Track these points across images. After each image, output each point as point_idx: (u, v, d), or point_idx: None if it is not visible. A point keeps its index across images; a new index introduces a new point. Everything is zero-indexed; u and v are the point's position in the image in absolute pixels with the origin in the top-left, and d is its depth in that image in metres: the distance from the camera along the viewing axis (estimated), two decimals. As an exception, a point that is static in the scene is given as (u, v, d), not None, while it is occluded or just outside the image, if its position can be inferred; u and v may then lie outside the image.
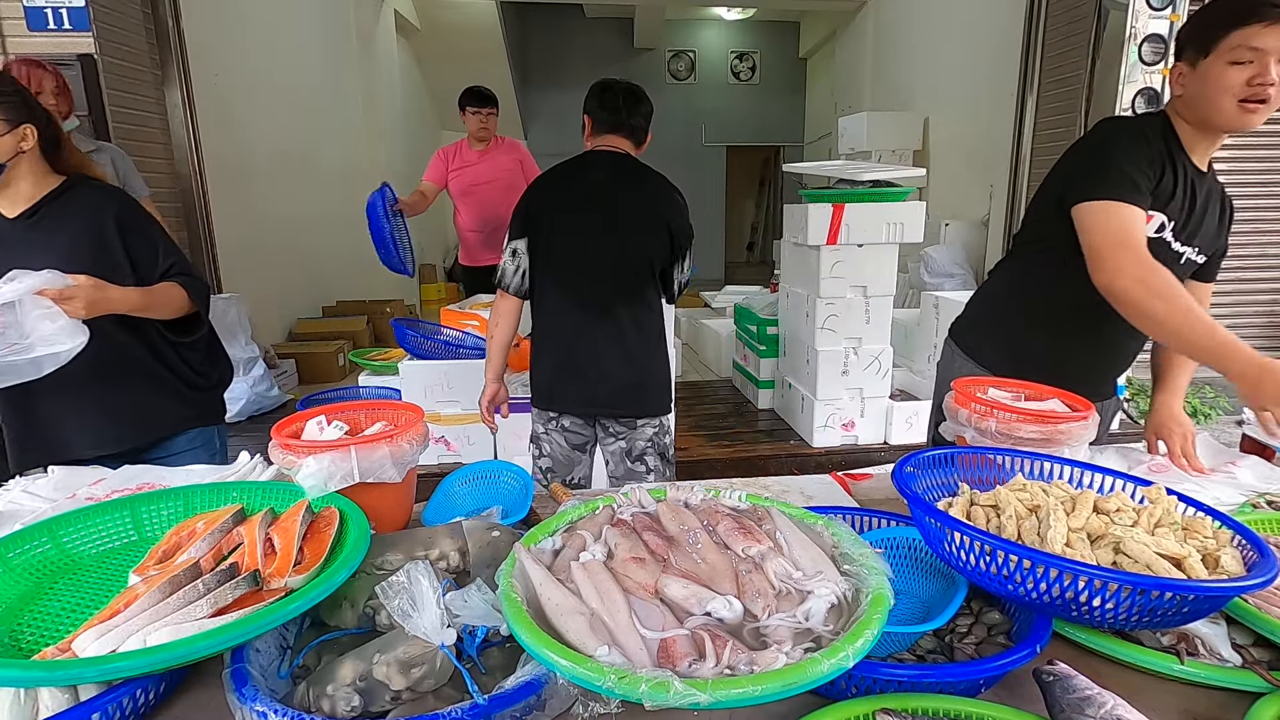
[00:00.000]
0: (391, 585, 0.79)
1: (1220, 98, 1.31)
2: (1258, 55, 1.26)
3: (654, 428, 1.99)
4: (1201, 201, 1.42)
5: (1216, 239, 1.49)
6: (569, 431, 2.02)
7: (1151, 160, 1.36)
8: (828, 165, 4.29)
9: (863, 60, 7.71)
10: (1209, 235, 1.47)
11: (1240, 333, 4.66)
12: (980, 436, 1.24)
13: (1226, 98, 1.30)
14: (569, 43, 10.16)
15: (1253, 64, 1.27)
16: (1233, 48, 1.27)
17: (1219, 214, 1.48)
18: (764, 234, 12.46)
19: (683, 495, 0.97)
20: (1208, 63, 1.31)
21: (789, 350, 3.85)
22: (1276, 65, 1.26)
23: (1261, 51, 1.26)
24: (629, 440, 1.99)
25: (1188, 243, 1.44)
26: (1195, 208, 1.41)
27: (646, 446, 1.99)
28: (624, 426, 1.98)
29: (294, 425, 1.20)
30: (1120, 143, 1.39)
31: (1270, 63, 1.26)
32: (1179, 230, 1.42)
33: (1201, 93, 1.33)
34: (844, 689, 0.76)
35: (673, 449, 2.09)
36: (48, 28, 3.11)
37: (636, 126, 1.95)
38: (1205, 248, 1.48)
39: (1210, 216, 1.46)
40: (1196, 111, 1.36)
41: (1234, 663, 0.82)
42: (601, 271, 1.89)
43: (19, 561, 0.94)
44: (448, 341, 3.24)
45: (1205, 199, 1.43)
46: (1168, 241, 1.42)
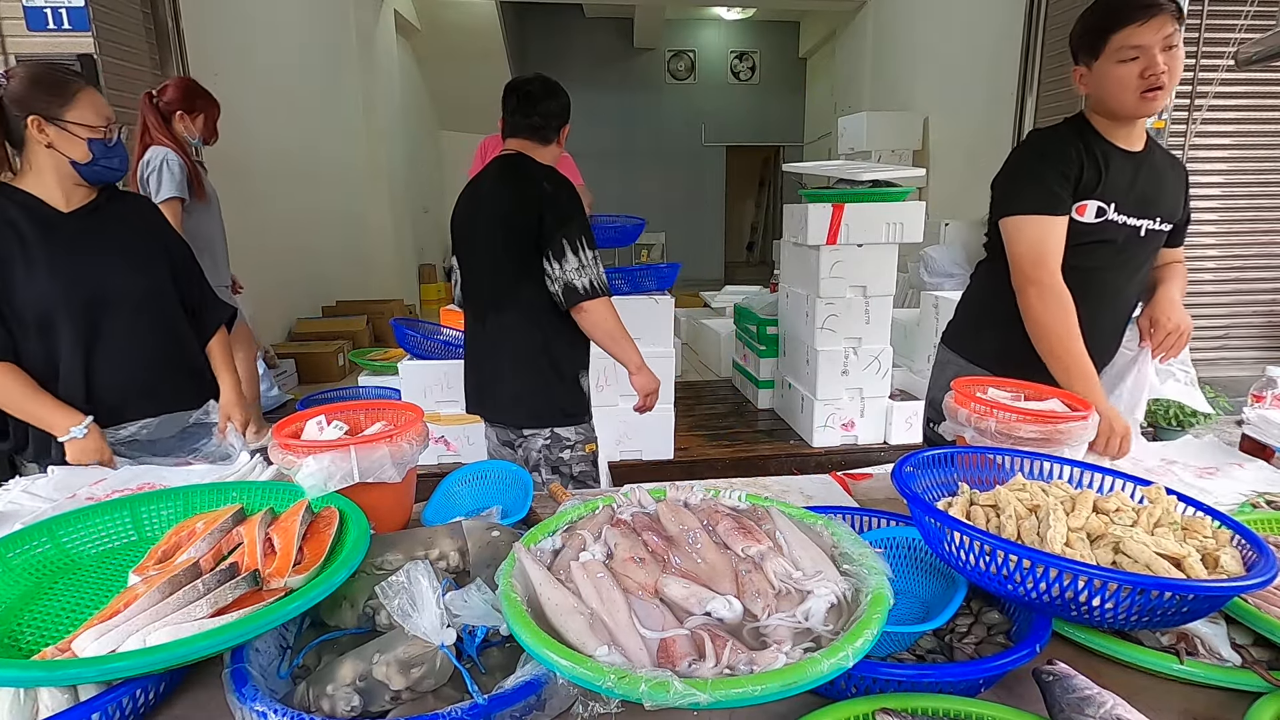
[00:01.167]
0: (391, 585, 0.79)
1: (1120, 93, 1.43)
2: (1141, 50, 1.38)
3: (544, 439, 1.89)
4: (1145, 177, 1.52)
5: (1175, 206, 1.58)
6: (496, 429, 2.01)
7: (1068, 163, 1.48)
8: (827, 165, 4.30)
9: (862, 60, 7.71)
10: (1166, 204, 1.56)
11: (1240, 332, 4.63)
12: (980, 436, 1.24)
13: (1125, 93, 1.42)
14: (569, 43, 10.16)
15: (1139, 59, 1.38)
16: (1117, 49, 1.40)
17: (1173, 183, 1.57)
18: (764, 234, 12.46)
19: (683, 495, 0.97)
20: (1100, 64, 1.44)
21: (789, 350, 3.85)
22: (1163, 53, 1.37)
23: (1144, 47, 1.37)
24: (523, 450, 1.92)
25: (1142, 216, 1.53)
26: (1138, 184, 1.51)
27: (539, 458, 1.90)
28: (513, 434, 1.93)
29: (294, 425, 1.20)
30: (1035, 155, 1.54)
31: (1155, 54, 1.37)
32: (1124, 207, 1.51)
33: (1103, 90, 1.46)
34: (844, 689, 0.76)
35: (581, 465, 1.94)
36: (47, 28, 3.11)
37: (535, 125, 1.84)
38: (1167, 216, 1.56)
39: (1161, 187, 1.55)
40: (1104, 106, 1.49)
41: (1234, 662, 0.82)
42: (478, 279, 1.91)
43: (19, 561, 0.94)
44: (447, 341, 3.24)
45: (1150, 173, 1.53)
46: (1116, 221, 1.52)
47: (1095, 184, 1.49)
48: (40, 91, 1.42)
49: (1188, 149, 3.98)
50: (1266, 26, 3.63)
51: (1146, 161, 1.53)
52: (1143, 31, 1.37)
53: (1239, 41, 3.63)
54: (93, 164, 1.47)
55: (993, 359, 1.64)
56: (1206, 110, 3.96)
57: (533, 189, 1.77)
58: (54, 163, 1.45)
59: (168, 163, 2.77)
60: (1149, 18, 1.36)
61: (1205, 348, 4.27)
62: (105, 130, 1.47)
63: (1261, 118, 4.05)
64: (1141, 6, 1.37)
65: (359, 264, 6.81)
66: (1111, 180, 1.50)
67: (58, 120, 1.42)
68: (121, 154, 1.52)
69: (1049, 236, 1.47)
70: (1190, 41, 3.84)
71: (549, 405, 1.90)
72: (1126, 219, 1.52)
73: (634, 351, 1.88)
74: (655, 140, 10.62)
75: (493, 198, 1.85)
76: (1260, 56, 3.22)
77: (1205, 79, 3.90)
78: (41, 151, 1.44)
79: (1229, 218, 4.17)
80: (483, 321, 1.91)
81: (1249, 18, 3.80)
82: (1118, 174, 1.50)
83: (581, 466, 1.94)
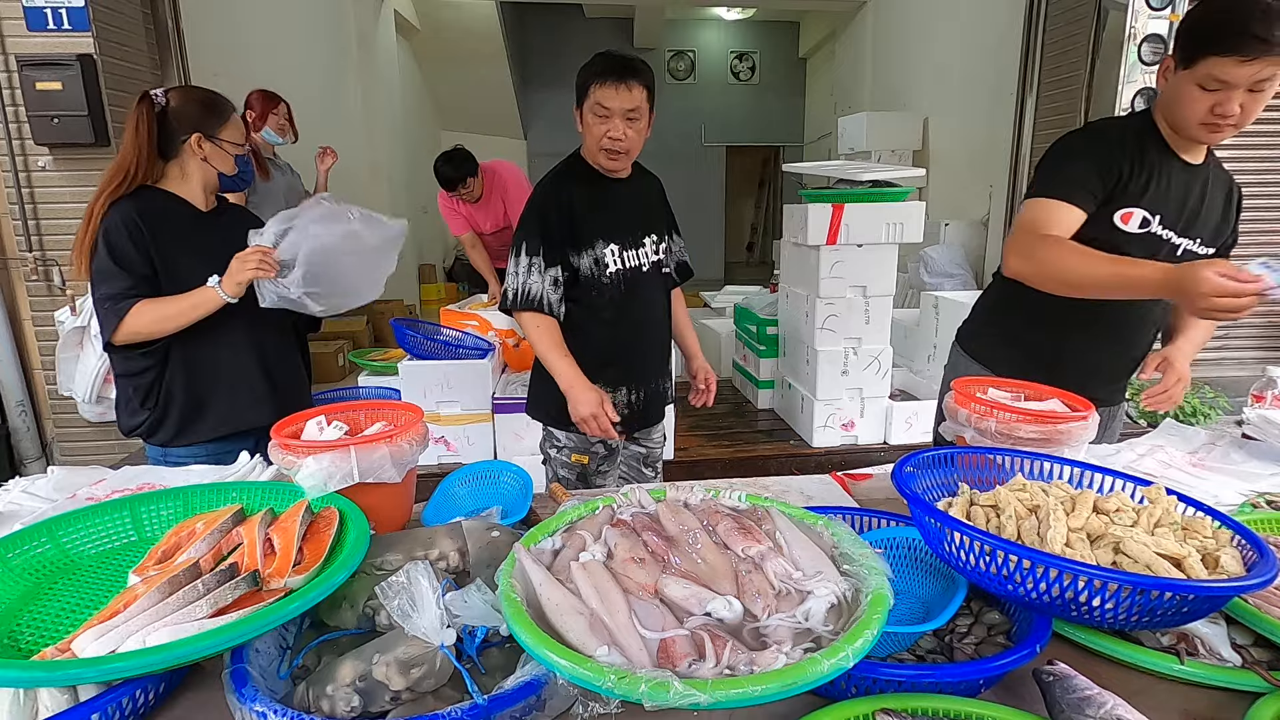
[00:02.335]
0: (391, 585, 0.79)
1: (1185, 112, 1.35)
2: (1225, 86, 1.27)
3: (542, 432, 1.96)
4: (1197, 194, 1.45)
5: (1221, 230, 1.50)
6: None
7: (1111, 161, 1.40)
8: (827, 165, 4.29)
9: (862, 60, 7.70)
10: (1211, 226, 1.48)
11: (1240, 333, 4.64)
12: (980, 436, 1.24)
13: (1190, 115, 1.34)
14: (569, 43, 10.14)
15: (1218, 93, 1.28)
16: (1205, 73, 1.28)
17: (1223, 205, 1.49)
18: (764, 234, 12.46)
19: (683, 495, 0.97)
20: (1182, 75, 1.33)
21: (789, 350, 3.85)
22: (1247, 94, 1.27)
23: (1229, 84, 1.27)
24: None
25: (1186, 234, 1.46)
26: (1190, 200, 1.44)
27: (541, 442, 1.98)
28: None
29: (294, 425, 1.20)
30: (1075, 148, 1.45)
31: (1234, 95, 1.27)
32: (1173, 222, 1.44)
33: (1173, 100, 1.37)
34: (844, 689, 0.76)
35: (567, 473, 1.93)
36: (47, 28, 3.11)
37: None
38: (1209, 239, 1.49)
39: (1211, 208, 1.47)
40: (1169, 113, 1.41)
41: (1234, 663, 0.82)
42: None
43: (19, 562, 0.94)
44: (447, 342, 3.24)
45: (1202, 191, 1.45)
46: (1159, 235, 1.44)
47: (1143, 191, 1.41)
48: (205, 113, 1.65)
49: (1188, 149, 3.98)
50: (1266, 26, 3.63)
51: (1202, 177, 1.45)
52: (1238, 70, 1.24)
53: (1239, 41, 3.63)
54: (236, 176, 1.72)
55: (1005, 362, 1.59)
56: (1206, 110, 3.96)
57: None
58: (203, 174, 1.67)
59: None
60: (1254, 57, 1.22)
61: (1205, 347, 4.27)
62: (245, 148, 1.73)
63: (1261, 118, 4.05)
64: (1245, 40, 1.22)
65: (359, 264, 6.80)
66: (1161, 190, 1.42)
67: (215, 138, 1.65)
68: (251, 168, 1.79)
69: (1052, 217, 1.39)
70: (1190, 41, 3.85)
71: (536, 401, 1.94)
72: (1170, 234, 1.44)
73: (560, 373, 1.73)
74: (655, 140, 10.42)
75: None
76: (1260, 56, 3.22)
77: (1205, 79, 3.91)
78: (195, 163, 1.66)
79: (1229, 218, 4.17)
80: None
81: (1249, 18, 3.80)
82: (1171, 185, 1.42)
83: (564, 471, 1.92)
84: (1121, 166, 1.40)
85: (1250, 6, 1.23)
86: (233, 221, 1.77)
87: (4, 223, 3.10)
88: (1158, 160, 1.42)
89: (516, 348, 3.42)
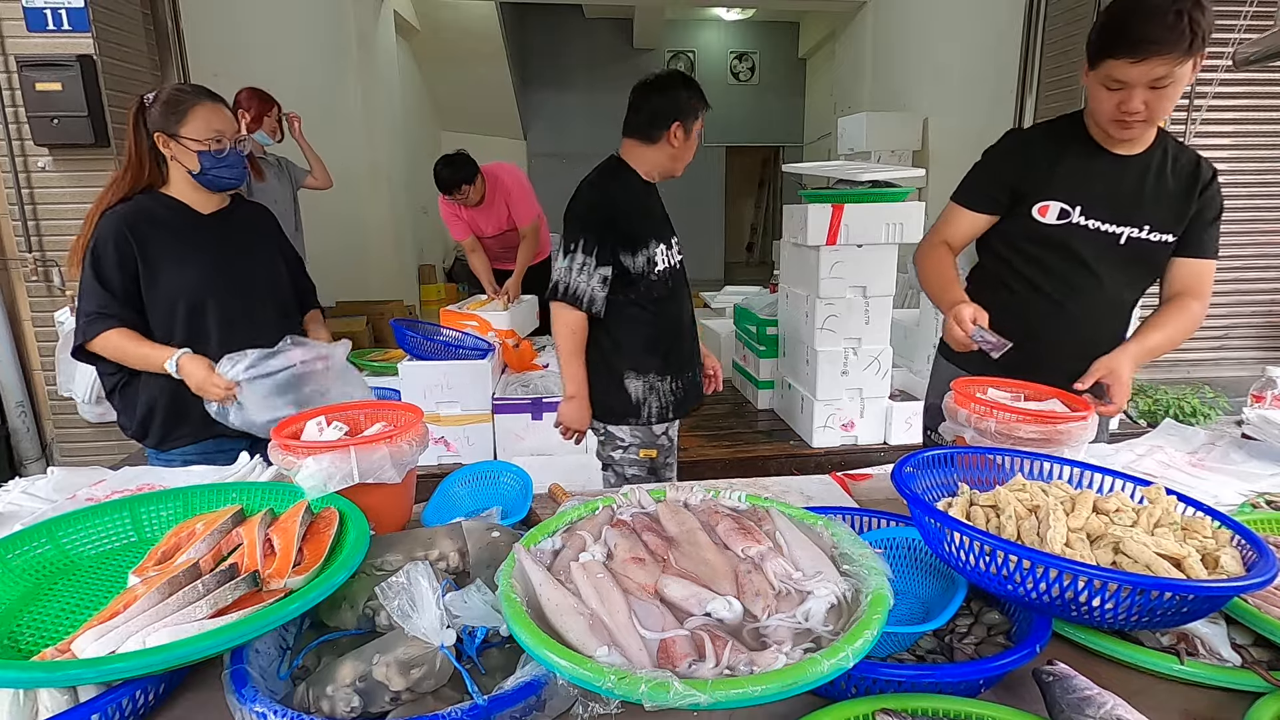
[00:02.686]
0: (391, 586, 0.79)
1: (1097, 110, 1.44)
2: (1124, 86, 1.35)
3: (599, 435, 2.00)
4: (1133, 182, 1.49)
5: (1181, 213, 1.50)
6: None
7: (1011, 165, 1.54)
8: (827, 165, 4.30)
9: (862, 60, 7.70)
10: (1163, 212, 1.49)
11: (1240, 332, 4.63)
12: (980, 436, 1.24)
13: (1101, 113, 1.42)
14: (569, 43, 10.15)
15: (1120, 92, 1.36)
16: (1105, 75, 1.36)
17: (1182, 189, 1.49)
18: (763, 234, 12.46)
19: (682, 495, 0.97)
20: (1091, 76, 1.42)
21: (789, 350, 3.85)
22: (1148, 92, 1.33)
23: (1127, 83, 1.34)
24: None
25: (1125, 223, 1.50)
26: (1123, 190, 1.49)
27: (598, 452, 2.03)
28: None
29: (294, 426, 1.20)
30: (989, 154, 1.61)
31: (1135, 93, 1.34)
32: (1100, 213, 1.50)
33: (1089, 99, 1.46)
34: (844, 689, 0.76)
35: (637, 470, 1.97)
36: (47, 28, 3.11)
37: (635, 124, 1.87)
38: (1162, 225, 1.50)
39: (1158, 194, 1.49)
40: (1090, 112, 1.49)
41: (1234, 663, 0.82)
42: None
43: (18, 562, 0.94)
44: (447, 342, 3.24)
45: (1139, 179, 1.49)
46: (1084, 225, 1.51)
47: (1059, 185, 1.50)
48: (164, 111, 1.60)
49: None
50: (1266, 26, 3.62)
51: (1140, 166, 1.49)
52: (1131, 70, 1.32)
53: (1238, 42, 3.63)
54: (203, 174, 1.63)
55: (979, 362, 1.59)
56: (1206, 110, 3.96)
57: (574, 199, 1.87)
58: (180, 173, 1.65)
59: None
60: (1140, 59, 1.30)
61: (1205, 348, 4.27)
62: (213, 143, 1.61)
63: (1261, 118, 4.05)
64: (1133, 43, 1.29)
65: (359, 265, 6.80)
66: (1081, 182, 1.49)
67: (175, 136, 1.60)
68: (233, 163, 1.65)
69: (948, 222, 1.62)
70: (1190, 41, 3.84)
71: (598, 401, 1.94)
72: (1098, 224, 1.50)
73: (571, 376, 1.87)
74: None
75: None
76: (1259, 56, 3.22)
77: (1205, 79, 3.90)
78: (173, 163, 1.64)
79: (1229, 218, 4.15)
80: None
81: (1248, 18, 3.80)
82: (1094, 177, 1.48)
83: (634, 470, 1.96)
84: (1029, 161, 1.52)
85: (1139, 10, 1.30)
86: (240, 223, 1.77)
87: (4, 223, 3.10)
88: (1080, 155, 1.50)
89: (516, 348, 3.42)
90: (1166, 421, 1.65)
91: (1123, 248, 1.51)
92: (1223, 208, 1.54)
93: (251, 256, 1.77)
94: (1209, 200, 1.51)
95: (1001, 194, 1.55)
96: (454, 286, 8.66)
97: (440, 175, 3.60)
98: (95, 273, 1.57)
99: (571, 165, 11.45)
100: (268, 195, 3.40)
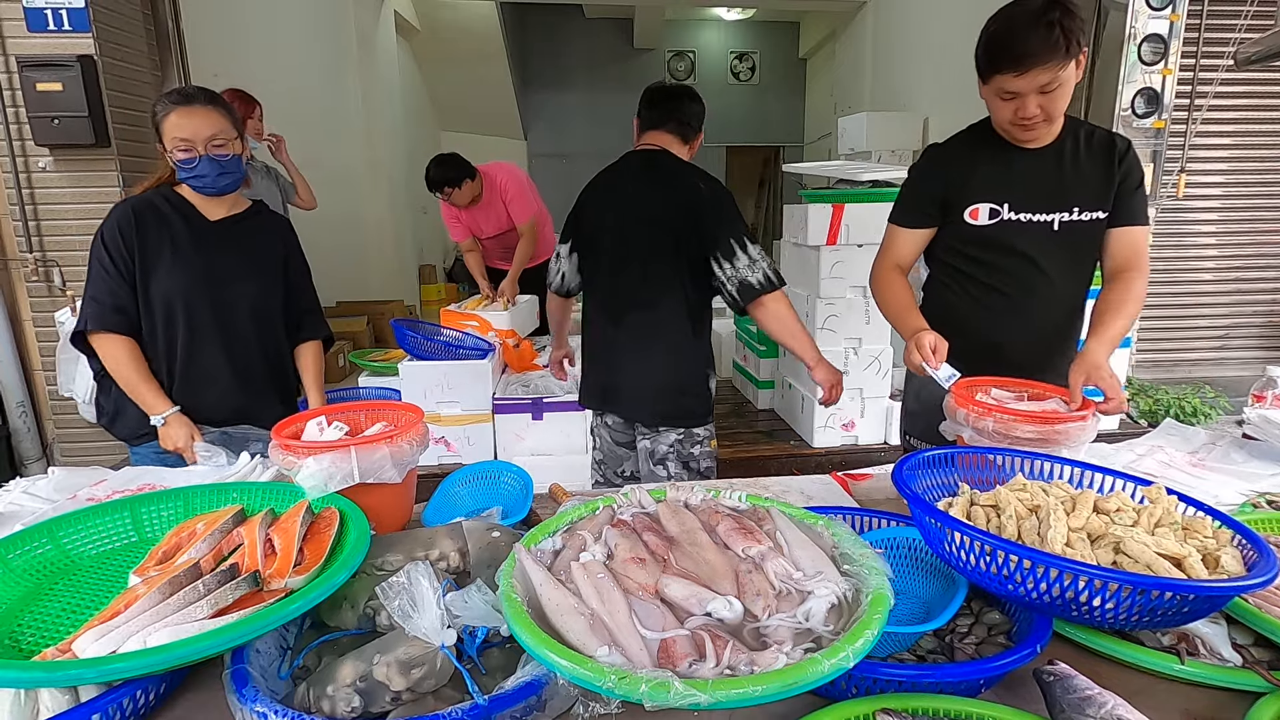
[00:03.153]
0: (391, 586, 0.79)
1: (996, 118, 1.53)
2: (1015, 95, 1.43)
3: (678, 435, 1.91)
4: (1052, 170, 1.55)
5: (1103, 192, 1.56)
6: (612, 429, 2.04)
7: (936, 179, 1.63)
8: (827, 165, 4.30)
9: (863, 60, 7.70)
10: (1089, 192, 1.55)
11: (1240, 332, 4.62)
12: (978, 436, 1.24)
13: (1001, 120, 1.51)
14: (569, 43, 10.14)
15: (1013, 100, 1.45)
16: (998, 87, 1.45)
17: (1101, 167, 1.55)
18: (764, 234, 12.45)
19: (683, 495, 0.97)
20: (984, 89, 1.50)
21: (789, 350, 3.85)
22: (1040, 96, 1.42)
23: (1018, 93, 1.42)
24: (653, 442, 1.94)
25: (1054, 210, 1.56)
26: (1044, 179, 1.55)
27: (668, 451, 1.92)
28: (642, 430, 1.95)
29: (294, 426, 1.20)
30: (911, 174, 1.71)
31: (1028, 100, 1.42)
32: (1028, 205, 1.56)
33: (988, 108, 1.55)
34: (844, 689, 0.76)
35: (707, 461, 1.96)
36: (47, 29, 3.11)
37: (680, 121, 1.91)
38: (1091, 205, 1.56)
39: (1079, 177, 1.55)
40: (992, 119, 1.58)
41: (1234, 663, 0.82)
42: (621, 273, 1.88)
43: (19, 562, 0.94)
44: (447, 342, 3.24)
45: (1057, 166, 1.55)
46: (1017, 220, 1.56)
47: (982, 187, 1.57)
48: (156, 116, 1.64)
49: (1187, 149, 3.97)
50: (1266, 26, 3.62)
51: (1054, 154, 1.55)
52: (1017, 81, 1.40)
53: (1239, 41, 3.63)
54: (184, 180, 1.67)
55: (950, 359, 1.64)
56: (1206, 110, 3.96)
57: (685, 193, 1.80)
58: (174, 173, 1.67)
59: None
60: (1023, 71, 1.38)
61: (1205, 348, 4.27)
62: (180, 151, 1.61)
63: (1261, 118, 4.05)
64: (1015, 58, 1.38)
65: (359, 264, 6.80)
66: (1002, 181, 1.56)
67: (160, 142, 1.65)
68: (213, 169, 1.64)
69: (900, 242, 1.69)
70: (1190, 41, 3.84)
71: (685, 403, 1.91)
72: (1029, 216, 1.56)
73: (810, 344, 1.91)
74: (655, 140, 10.57)
75: (640, 201, 1.85)
76: (1260, 56, 3.22)
77: (1205, 79, 3.90)
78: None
79: (1229, 218, 4.16)
80: (620, 321, 1.90)
81: (1249, 18, 3.80)
82: (1014, 173, 1.55)
83: (707, 462, 1.98)
84: (951, 172, 1.60)
85: (1014, 28, 1.39)
86: (243, 233, 1.75)
87: (4, 223, 3.10)
88: (996, 157, 1.57)
89: (516, 348, 3.42)
90: (1167, 421, 1.65)
91: (1058, 233, 1.56)
92: (1143, 175, 1.60)
93: (242, 270, 1.73)
94: (1129, 170, 1.57)
95: (932, 207, 1.63)
96: (454, 286, 8.66)
97: (428, 174, 3.64)
98: (104, 255, 1.61)
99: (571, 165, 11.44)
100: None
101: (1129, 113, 3.78)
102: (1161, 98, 3.77)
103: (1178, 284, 4.23)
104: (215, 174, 1.64)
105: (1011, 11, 1.41)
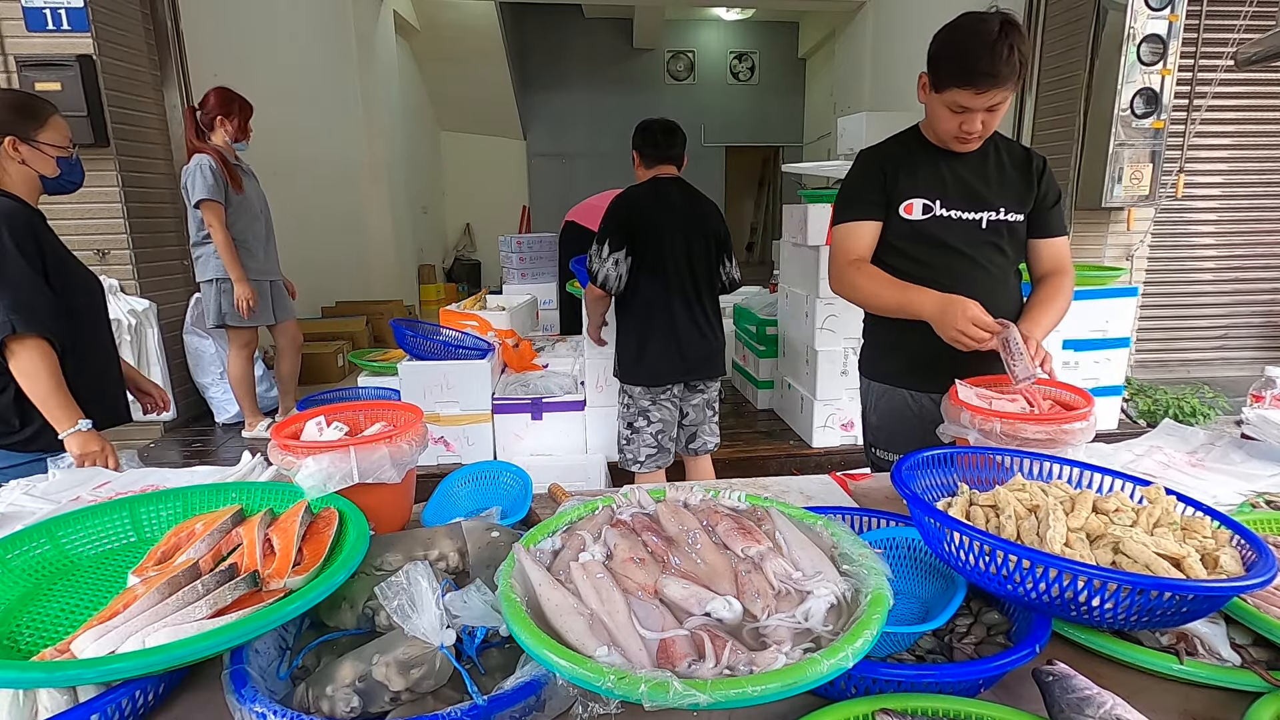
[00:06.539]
0: (391, 586, 0.79)
1: (939, 128, 1.60)
2: (966, 111, 1.51)
3: (720, 382, 2.73)
4: (978, 173, 1.64)
5: (1025, 197, 1.66)
6: (675, 398, 2.62)
7: (874, 173, 1.67)
8: (827, 165, 4.30)
9: (862, 60, 7.71)
10: (1012, 195, 1.65)
11: (1240, 332, 4.62)
12: (984, 438, 1.24)
13: (943, 131, 1.59)
14: (568, 43, 10.14)
15: (962, 114, 1.52)
16: (951, 99, 1.51)
17: (1020, 173, 1.66)
18: (763, 234, 12.45)
19: (682, 496, 0.97)
20: (934, 97, 1.56)
21: (788, 350, 3.85)
22: (983, 114, 1.51)
23: (969, 109, 1.50)
24: (708, 393, 2.68)
25: (983, 209, 1.64)
26: (972, 180, 1.64)
27: (716, 397, 2.71)
28: (711, 380, 2.67)
29: (293, 426, 1.20)
30: (851, 173, 1.73)
31: (975, 116, 1.51)
32: (958, 203, 1.63)
33: (930, 115, 1.62)
34: (843, 689, 0.76)
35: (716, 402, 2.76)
36: (47, 28, 3.11)
37: (676, 155, 2.56)
38: (1015, 206, 1.65)
39: (1005, 180, 1.65)
40: (929, 125, 1.65)
41: (1233, 662, 0.82)
42: (690, 270, 2.52)
43: (18, 563, 0.94)
44: (447, 342, 3.24)
45: (982, 169, 1.65)
46: (948, 216, 1.63)
47: (916, 184, 1.64)
48: (16, 116, 1.65)
49: (1187, 149, 3.98)
50: (1266, 26, 3.63)
51: (980, 158, 1.65)
52: (975, 98, 1.48)
53: (1238, 42, 3.63)
54: (59, 179, 1.73)
55: (904, 374, 1.73)
56: (1206, 110, 3.96)
57: (716, 215, 2.61)
58: (23, 176, 1.68)
59: (200, 168, 3.09)
60: (982, 91, 1.46)
61: (1205, 348, 4.27)
62: (70, 150, 1.73)
63: (1261, 118, 4.05)
64: (982, 75, 1.44)
65: (358, 265, 6.81)
66: (934, 179, 1.64)
67: (32, 141, 1.66)
68: (80, 170, 1.79)
69: (849, 240, 1.69)
70: (1189, 42, 3.84)
71: (725, 356, 2.73)
72: (959, 213, 1.63)
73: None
74: (655, 140, 10.57)
75: (699, 214, 2.55)
76: (1260, 56, 3.23)
77: (1205, 79, 3.91)
78: (14, 167, 1.67)
79: (1229, 218, 4.17)
80: (697, 302, 2.55)
81: (1248, 18, 3.80)
82: (945, 173, 1.64)
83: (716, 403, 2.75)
84: (887, 168, 1.65)
85: (980, 46, 1.43)
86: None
87: (3, 223, 3.09)
88: (928, 159, 1.65)
89: (516, 348, 3.42)
90: (1166, 421, 1.65)
91: (985, 231, 1.65)
92: (1060, 193, 1.72)
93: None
94: (1047, 187, 1.68)
95: (877, 196, 1.67)
96: (454, 286, 8.67)
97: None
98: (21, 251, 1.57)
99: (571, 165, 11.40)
100: (248, 206, 3.33)
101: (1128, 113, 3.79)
102: (1160, 98, 3.77)
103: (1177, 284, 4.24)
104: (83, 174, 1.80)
105: (972, 29, 1.46)
